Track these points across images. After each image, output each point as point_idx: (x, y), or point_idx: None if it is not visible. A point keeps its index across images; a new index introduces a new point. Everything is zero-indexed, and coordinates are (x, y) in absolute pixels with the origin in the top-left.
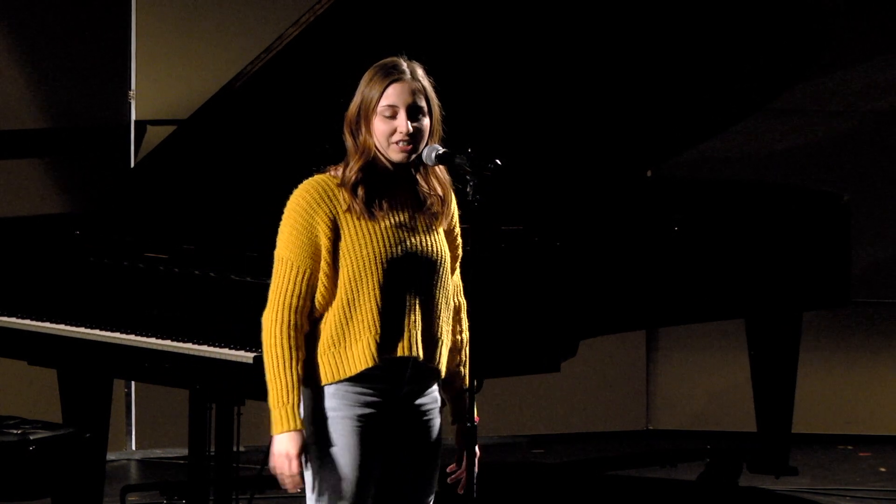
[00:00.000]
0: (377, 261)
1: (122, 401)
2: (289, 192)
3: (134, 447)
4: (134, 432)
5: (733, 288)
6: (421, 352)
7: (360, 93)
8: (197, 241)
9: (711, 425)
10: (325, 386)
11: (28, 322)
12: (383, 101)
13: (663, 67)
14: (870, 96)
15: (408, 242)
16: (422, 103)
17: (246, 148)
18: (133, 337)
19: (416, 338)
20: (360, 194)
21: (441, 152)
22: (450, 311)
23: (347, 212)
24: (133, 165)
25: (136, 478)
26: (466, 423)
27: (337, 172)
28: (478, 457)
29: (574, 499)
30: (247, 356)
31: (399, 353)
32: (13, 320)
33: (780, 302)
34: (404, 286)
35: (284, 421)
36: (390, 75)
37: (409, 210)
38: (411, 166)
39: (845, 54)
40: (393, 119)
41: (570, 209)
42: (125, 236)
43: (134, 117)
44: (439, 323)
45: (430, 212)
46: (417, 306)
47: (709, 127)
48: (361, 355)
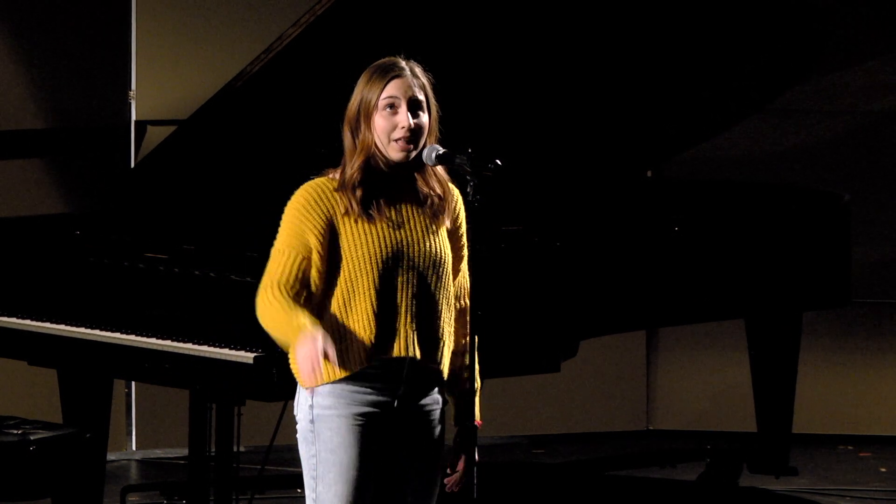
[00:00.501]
0: (374, 261)
1: (122, 401)
2: (289, 192)
3: (134, 447)
4: (134, 432)
5: (733, 288)
6: (418, 352)
7: (359, 91)
8: (197, 241)
9: (711, 425)
10: (322, 385)
11: (28, 322)
12: (384, 96)
13: (663, 67)
14: (870, 96)
15: (405, 242)
16: (422, 99)
17: (246, 148)
18: (133, 337)
19: (412, 338)
20: (359, 195)
21: (441, 152)
22: (451, 312)
23: (346, 214)
24: (133, 165)
25: (136, 478)
26: (466, 423)
27: (335, 175)
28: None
29: (574, 499)
30: (247, 356)
31: (395, 353)
32: (13, 320)
33: (780, 302)
34: (402, 286)
35: (299, 327)
36: (390, 72)
37: (408, 210)
38: (411, 166)
39: (845, 54)
40: (394, 115)
41: (570, 209)
42: (125, 236)
43: (134, 117)
44: (440, 323)
45: (431, 211)
46: (416, 306)
47: (709, 127)
48: (357, 355)
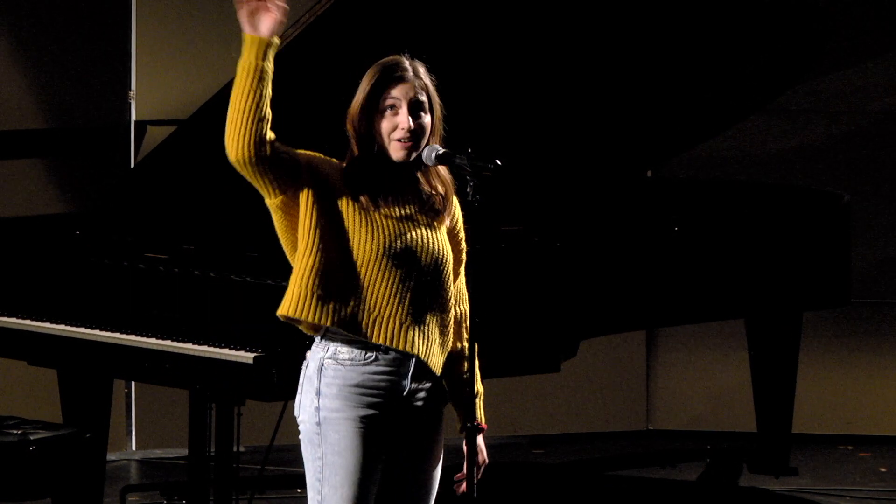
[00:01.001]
0: (382, 254)
1: (122, 401)
2: None
3: (134, 447)
4: (134, 432)
5: (733, 288)
6: (421, 349)
7: (362, 90)
8: (197, 241)
9: (711, 425)
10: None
11: (28, 322)
12: (385, 98)
13: (664, 67)
14: (870, 96)
15: (410, 238)
16: (424, 100)
17: None
18: (133, 337)
19: (411, 332)
20: (363, 188)
21: (441, 153)
22: (446, 314)
23: (352, 200)
24: (133, 165)
25: (136, 478)
26: (467, 423)
27: (341, 165)
28: (484, 463)
29: (574, 499)
30: (247, 356)
31: (402, 347)
32: (13, 320)
33: (780, 302)
34: (406, 281)
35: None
36: (393, 73)
37: (411, 207)
38: (413, 165)
39: (845, 54)
40: (395, 116)
41: (570, 209)
42: (125, 236)
43: (134, 117)
44: (439, 322)
45: (433, 210)
46: (419, 303)
47: (709, 127)
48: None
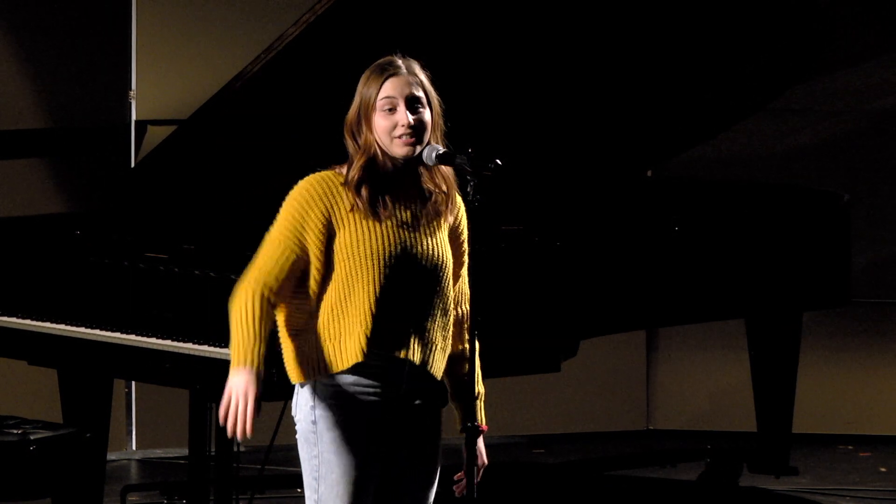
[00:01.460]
0: (376, 258)
1: (122, 401)
2: (289, 191)
3: (134, 447)
4: (134, 432)
5: (733, 288)
6: (417, 351)
7: (358, 94)
8: (197, 241)
9: (711, 425)
10: (324, 385)
11: (28, 322)
12: (381, 96)
13: (664, 67)
14: (870, 96)
15: (409, 242)
16: (420, 95)
17: (246, 148)
18: (133, 337)
19: (411, 337)
20: (364, 194)
21: (441, 152)
22: (449, 316)
23: (351, 211)
24: (133, 165)
25: (137, 478)
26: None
27: (341, 171)
28: (484, 466)
29: (574, 499)
30: None
31: (395, 350)
32: (13, 320)
33: (780, 302)
34: (402, 285)
35: (249, 358)
36: (386, 71)
37: (412, 208)
38: (415, 162)
39: (845, 54)
40: (393, 113)
41: (571, 209)
42: (125, 236)
43: (134, 117)
44: (438, 324)
45: (435, 209)
46: (415, 305)
47: (710, 127)
48: (353, 350)
